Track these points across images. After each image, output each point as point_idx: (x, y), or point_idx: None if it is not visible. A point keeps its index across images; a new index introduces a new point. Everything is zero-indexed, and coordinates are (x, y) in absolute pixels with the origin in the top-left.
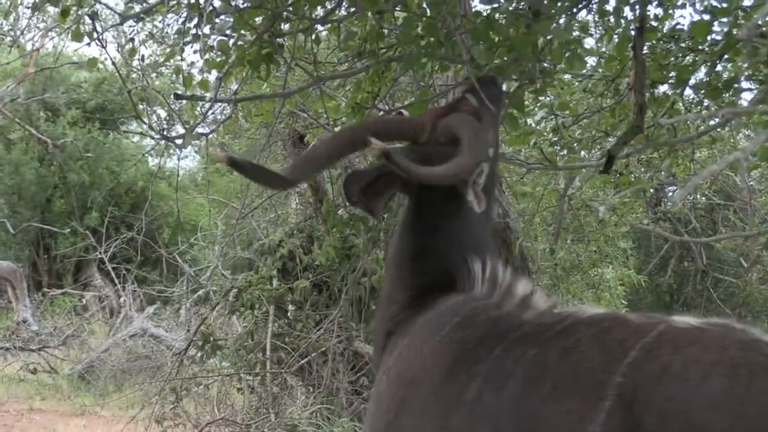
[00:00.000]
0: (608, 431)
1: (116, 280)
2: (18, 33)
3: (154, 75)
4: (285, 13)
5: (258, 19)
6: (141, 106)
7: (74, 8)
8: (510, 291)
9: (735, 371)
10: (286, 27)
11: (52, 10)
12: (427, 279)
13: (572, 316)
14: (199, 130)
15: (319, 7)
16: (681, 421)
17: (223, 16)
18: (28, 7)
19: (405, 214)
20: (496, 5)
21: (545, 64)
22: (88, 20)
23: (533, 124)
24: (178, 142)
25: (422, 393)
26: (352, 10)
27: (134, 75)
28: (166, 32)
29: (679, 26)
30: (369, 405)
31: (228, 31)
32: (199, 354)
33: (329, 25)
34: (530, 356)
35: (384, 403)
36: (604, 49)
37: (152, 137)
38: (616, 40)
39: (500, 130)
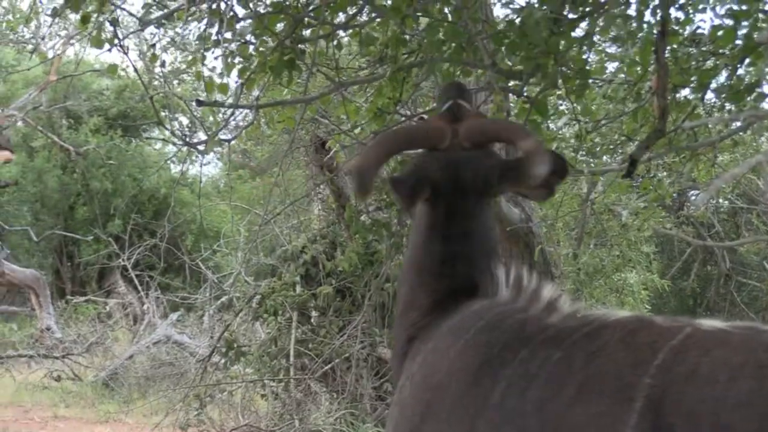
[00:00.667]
0: None
1: (139, 287)
2: (39, 40)
3: (175, 81)
4: (306, 19)
5: (279, 26)
6: (163, 113)
7: (95, 15)
8: (536, 295)
9: (762, 372)
10: (307, 33)
11: (73, 17)
12: (451, 284)
13: (598, 320)
14: (222, 136)
15: (340, 13)
16: (710, 422)
17: (243, 22)
18: (48, 15)
19: (429, 218)
20: (518, 10)
21: (567, 70)
22: (108, 26)
23: (555, 129)
24: (201, 148)
25: (448, 398)
26: (374, 15)
27: (156, 82)
28: (187, 38)
29: (700, 30)
30: (391, 411)
31: (249, 37)
32: (222, 360)
33: (350, 31)
34: (555, 359)
35: (408, 408)
36: (624, 52)
37: (175, 144)
38: (638, 45)
39: None
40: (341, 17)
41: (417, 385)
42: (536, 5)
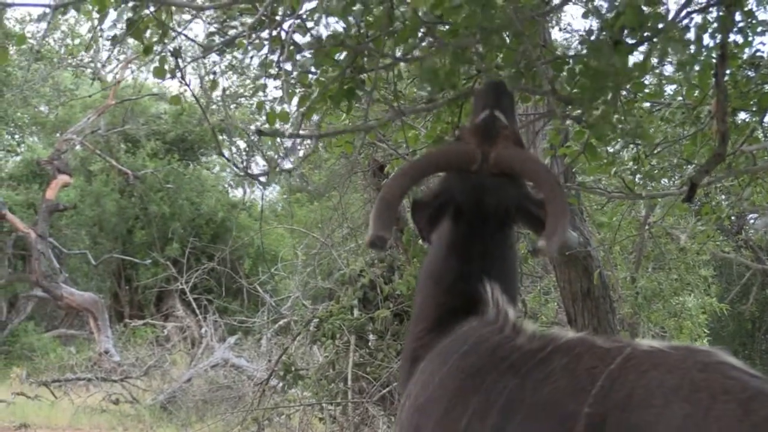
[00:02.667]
0: None
1: (197, 311)
2: (99, 65)
3: (233, 105)
4: (366, 51)
5: (339, 56)
6: (221, 137)
7: (157, 46)
8: (506, 316)
9: (695, 395)
10: (366, 61)
11: (132, 41)
12: (456, 301)
13: (552, 342)
14: (282, 164)
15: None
16: None
17: (304, 52)
18: (108, 40)
19: (451, 235)
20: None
21: (625, 93)
22: (170, 58)
23: (612, 152)
24: (262, 179)
25: (430, 422)
26: (433, 47)
27: (214, 106)
28: (246, 63)
29: (759, 53)
30: (393, 429)
31: (310, 68)
32: (280, 384)
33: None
34: (511, 387)
35: (404, 429)
36: (683, 76)
37: (236, 173)
38: (697, 69)
39: (581, 159)
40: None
41: (410, 407)
42: (595, 30)
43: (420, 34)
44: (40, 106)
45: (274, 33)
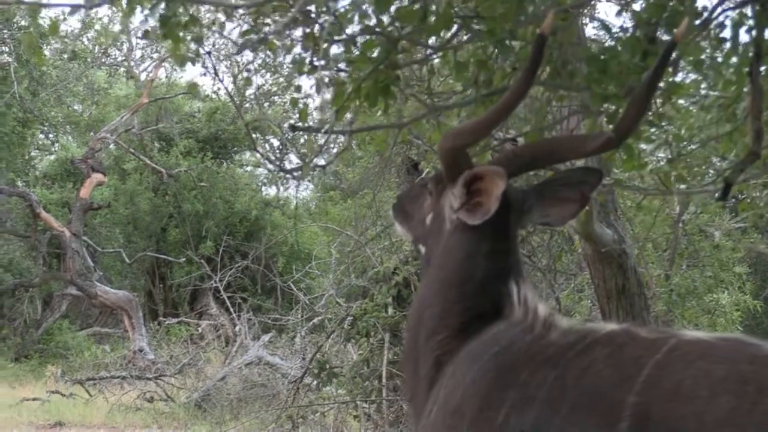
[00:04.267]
0: None
1: (231, 309)
2: (132, 64)
3: (266, 104)
4: (401, 44)
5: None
6: (254, 135)
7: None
8: (536, 312)
9: (743, 388)
10: (400, 57)
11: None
12: (482, 305)
13: (591, 334)
14: (315, 160)
15: (433, 37)
16: None
17: (338, 47)
18: (140, 37)
19: (471, 238)
20: (608, 30)
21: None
22: (193, 45)
23: (648, 152)
24: (296, 174)
25: (465, 422)
26: (466, 38)
27: (247, 104)
28: (279, 62)
29: None
30: None
31: (343, 65)
32: (314, 382)
33: (441, 54)
34: (550, 379)
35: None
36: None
37: (269, 169)
38: (733, 67)
39: (615, 157)
40: (434, 41)
41: (440, 410)
42: (629, 28)
43: (454, 29)
44: (74, 105)
45: (308, 30)
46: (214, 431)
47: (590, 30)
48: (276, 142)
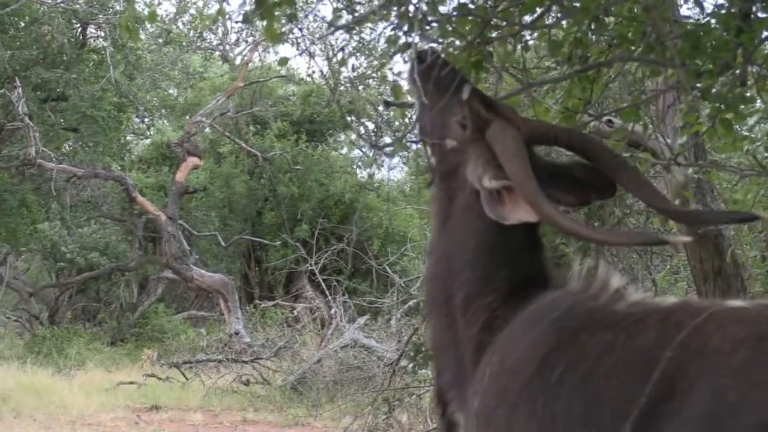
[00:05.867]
0: (652, 400)
1: (327, 292)
2: (227, 47)
3: (361, 87)
4: (494, 21)
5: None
6: (349, 118)
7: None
8: (605, 284)
9: (759, 343)
10: (494, 34)
11: (260, 24)
12: (529, 269)
13: (653, 305)
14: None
15: (527, 15)
16: (705, 385)
17: (431, 25)
18: (237, 21)
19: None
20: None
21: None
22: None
23: (746, 131)
24: (388, 150)
25: (519, 382)
26: (561, 16)
27: (342, 87)
28: (373, 44)
29: None
30: (470, 400)
31: (437, 39)
32: (410, 365)
33: (537, 33)
34: (605, 341)
35: (488, 394)
36: None
37: (361, 149)
38: None
39: (712, 133)
40: (528, 19)
41: (494, 373)
42: (724, 3)
43: (547, 3)
44: (169, 89)
45: (402, 9)
46: (310, 414)
47: (684, 11)
48: (371, 125)
